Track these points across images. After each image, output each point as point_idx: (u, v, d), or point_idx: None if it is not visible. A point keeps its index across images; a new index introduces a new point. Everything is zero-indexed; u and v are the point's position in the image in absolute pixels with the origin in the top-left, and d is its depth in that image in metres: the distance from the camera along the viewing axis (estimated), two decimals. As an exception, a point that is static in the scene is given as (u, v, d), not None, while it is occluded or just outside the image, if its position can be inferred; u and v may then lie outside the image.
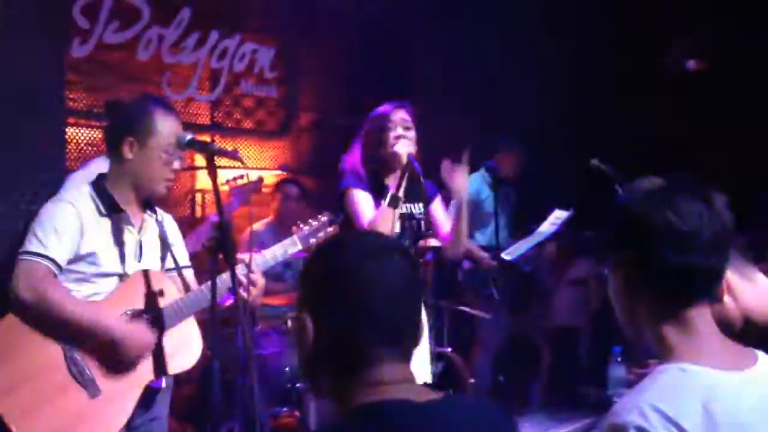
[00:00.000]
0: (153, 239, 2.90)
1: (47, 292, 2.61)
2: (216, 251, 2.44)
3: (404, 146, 3.47)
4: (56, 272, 2.66)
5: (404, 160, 3.44)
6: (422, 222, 3.67)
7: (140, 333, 2.69)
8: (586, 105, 6.58)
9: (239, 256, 2.75)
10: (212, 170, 2.57)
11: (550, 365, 6.35)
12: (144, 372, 2.74)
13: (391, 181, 3.51)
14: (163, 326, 2.74)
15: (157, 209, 2.96)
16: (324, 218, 3.11)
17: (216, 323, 2.48)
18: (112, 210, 2.78)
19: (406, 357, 1.44)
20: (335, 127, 6.32)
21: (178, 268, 2.90)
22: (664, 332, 1.44)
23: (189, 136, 2.71)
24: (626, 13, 6.37)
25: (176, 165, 2.81)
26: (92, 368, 2.67)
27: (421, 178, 3.48)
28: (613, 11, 6.41)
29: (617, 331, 1.58)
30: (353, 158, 3.61)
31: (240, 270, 2.70)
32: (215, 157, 2.64)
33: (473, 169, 5.48)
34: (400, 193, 3.42)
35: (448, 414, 1.39)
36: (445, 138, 3.55)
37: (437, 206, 3.72)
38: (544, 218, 5.42)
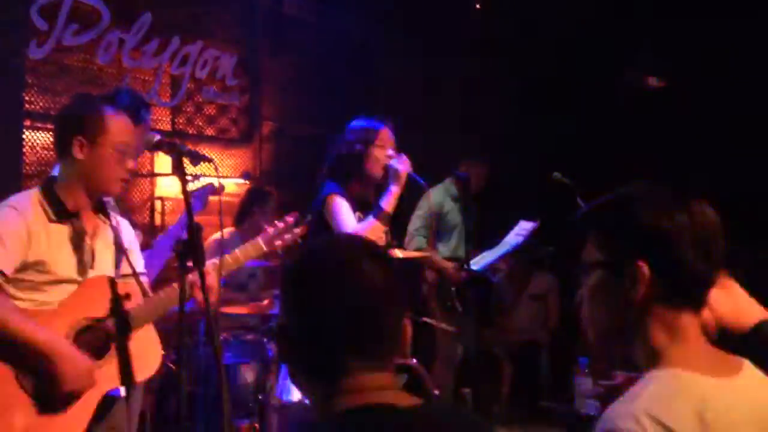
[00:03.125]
0: (107, 245, 2.78)
1: None
2: (185, 256, 2.35)
3: (404, 164, 3.44)
4: (1, 281, 2.52)
5: (404, 178, 3.42)
6: (389, 233, 3.64)
7: (79, 360, 2.53)
8: (548, 118, 6.65)
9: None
10: (181, 173, 2.47)
11: (511, 379, 6.36)
12: (101, 381, 2.60)
13: (370, 195, 3.48)
14: (127, 332, 2.62)
15: (112, 214, 2.85)
16: (290, 219, 3.03)
17: (184, 332, 2.39)
18: (62, 215, 2.66)
19: (385, 364, 1.40)
20: (297, 136, 6.28)
21: (134, 274, 2.77)
22: (656, 339, 1.42)
23: (157, 137, 2.62)
24: (588, 31, 6.46)
25: (130, 164, 2.71)
26: (43, 380, 2.51)
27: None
28: (575, 30, 6.50)
29: (578, 344, 1.57)
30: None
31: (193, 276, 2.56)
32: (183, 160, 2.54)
33: (435, 181, 5.51)
34: (391, 210, 3.40)
35: (431, 418, 1.37)
36: (405, 149, 3.53)
37: None
38: (506, 231, 5.41)
